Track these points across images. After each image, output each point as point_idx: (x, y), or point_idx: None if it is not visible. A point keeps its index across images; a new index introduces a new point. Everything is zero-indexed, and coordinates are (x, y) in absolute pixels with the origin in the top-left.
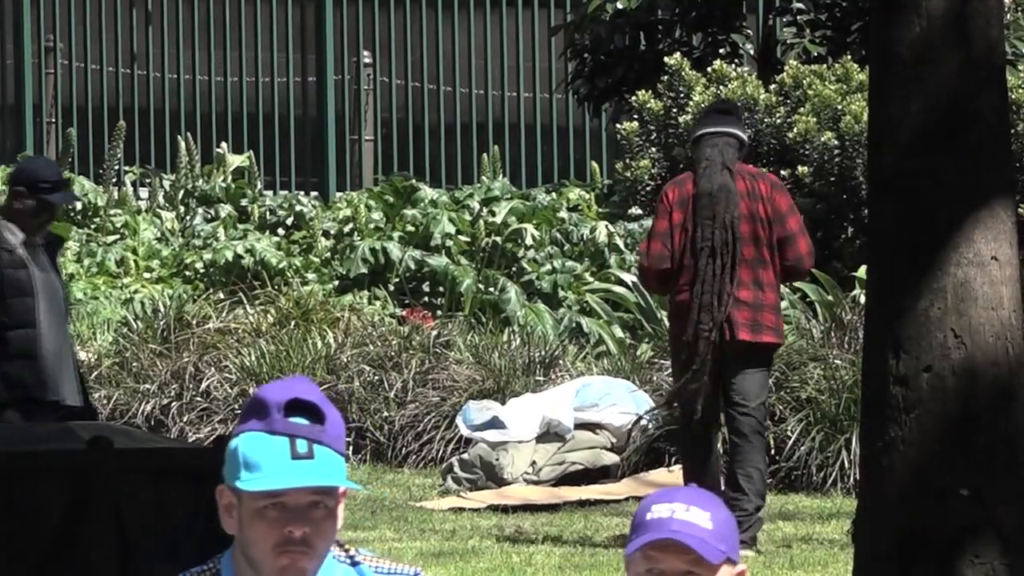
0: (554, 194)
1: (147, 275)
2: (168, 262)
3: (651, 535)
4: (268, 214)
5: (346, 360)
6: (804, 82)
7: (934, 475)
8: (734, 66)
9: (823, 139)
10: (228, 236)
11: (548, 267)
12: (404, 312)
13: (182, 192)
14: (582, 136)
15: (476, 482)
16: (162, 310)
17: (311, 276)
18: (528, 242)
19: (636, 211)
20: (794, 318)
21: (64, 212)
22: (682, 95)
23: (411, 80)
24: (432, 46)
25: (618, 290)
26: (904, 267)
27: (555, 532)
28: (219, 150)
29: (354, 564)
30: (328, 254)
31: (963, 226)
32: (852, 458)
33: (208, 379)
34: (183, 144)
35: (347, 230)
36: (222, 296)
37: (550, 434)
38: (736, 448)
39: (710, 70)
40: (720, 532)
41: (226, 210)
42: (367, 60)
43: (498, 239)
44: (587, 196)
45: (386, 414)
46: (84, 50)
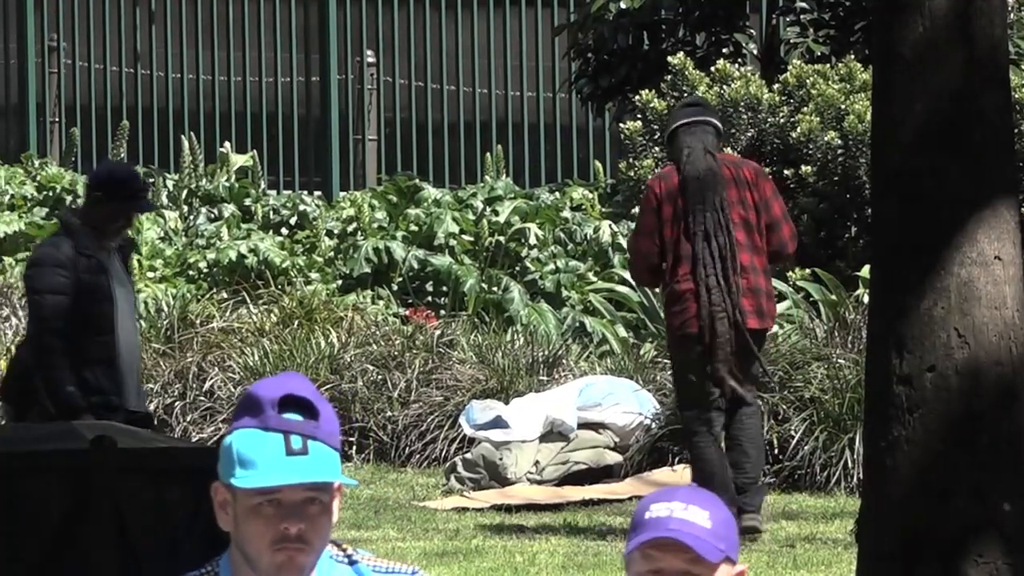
0: (557, 194)
1: (150, 275)
2: (171, 262)
3: (649, 534)
4: (271, 214)
5: (349, 360)
6: (808, 82)
7: (938, 474)
8: (737, 66)
9: (827, 139)
10: (231, 236)
11: (551, 267)
12: (407, 312)
13: (185, 192)
14: (585, 136)
15: (479, 482)
16: (165, 310)
17: (314, 276)
18: (531, 242)
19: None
20: (797, 317)
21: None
22: (685, 95)
23: (415, 80)
24: (436, 45)
25: (621, 290)
26: (907, 267)
27: (558, 531)
28: (222, 150)
29: (352, 564)
30: (331, 254)
31: (966, 226)
32: (856, 457)
33: (212, 379)
34: (186, 144)
35: (350, 229)
36: (225, 296)
37: (553, 433)
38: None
39: (713, 70)
40: (719, 531)
41: (229, 210)
42: (370, 59)
43: (501, 239)
44: (590, 196)
45: (389, 414)
46: (88, 49)
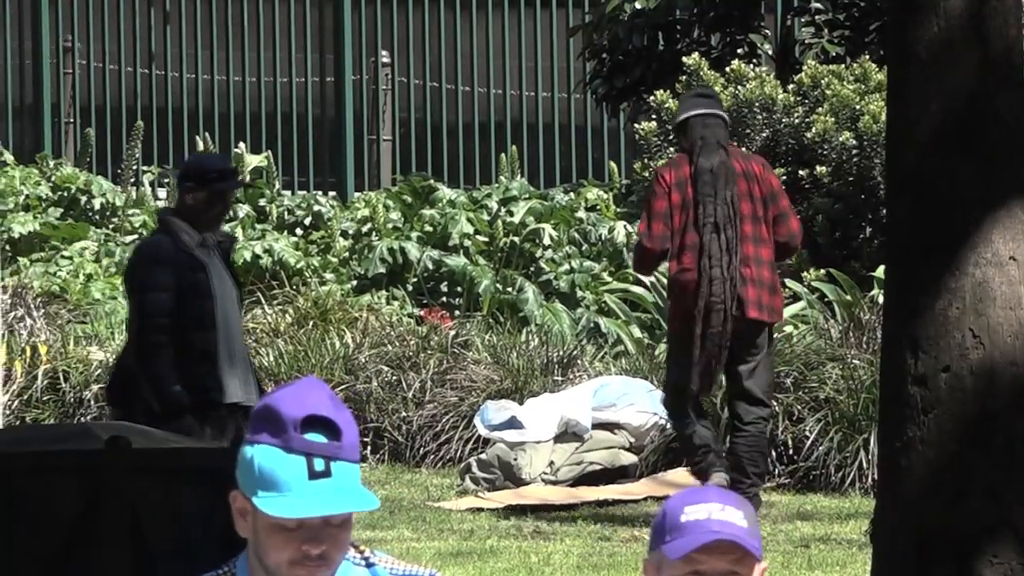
0: (572, 194)
1: None
2: None
3: (696, 537)
4: (286, 214)
5: (364, 360)
6: (822, 82)
7: (952, 475)
8: (752, 66)
9: (841, 139)
10: (246, 236)
11: (566, 267)
12: (422, 312)
13: None
14: (600, 136)
15: (494, 482)
16: None
17: (329, 276)
18: (546, 242)
19: None
20: (812, 318)
21: (235, 200)
22: None
23: (429, 80)
24: (450, 46)
25: (636, 290)
26: (922, 267)
27: (573, 532)
28: (237, 150)
29: (369, 566)
30: (346, 254)
31: (981, 226)
32: (870, 458)
33: None
34: (201, 144)
35: (365, 230)
36: None
37: (568, 434)
38: (743, 435)
39: (728, 70)
40: (753, 530)
41: (244, 210)
42: (385, 60)
43: (516, 239)
44: (605, 196)
45: (404, 414)
46: (102, 50)
